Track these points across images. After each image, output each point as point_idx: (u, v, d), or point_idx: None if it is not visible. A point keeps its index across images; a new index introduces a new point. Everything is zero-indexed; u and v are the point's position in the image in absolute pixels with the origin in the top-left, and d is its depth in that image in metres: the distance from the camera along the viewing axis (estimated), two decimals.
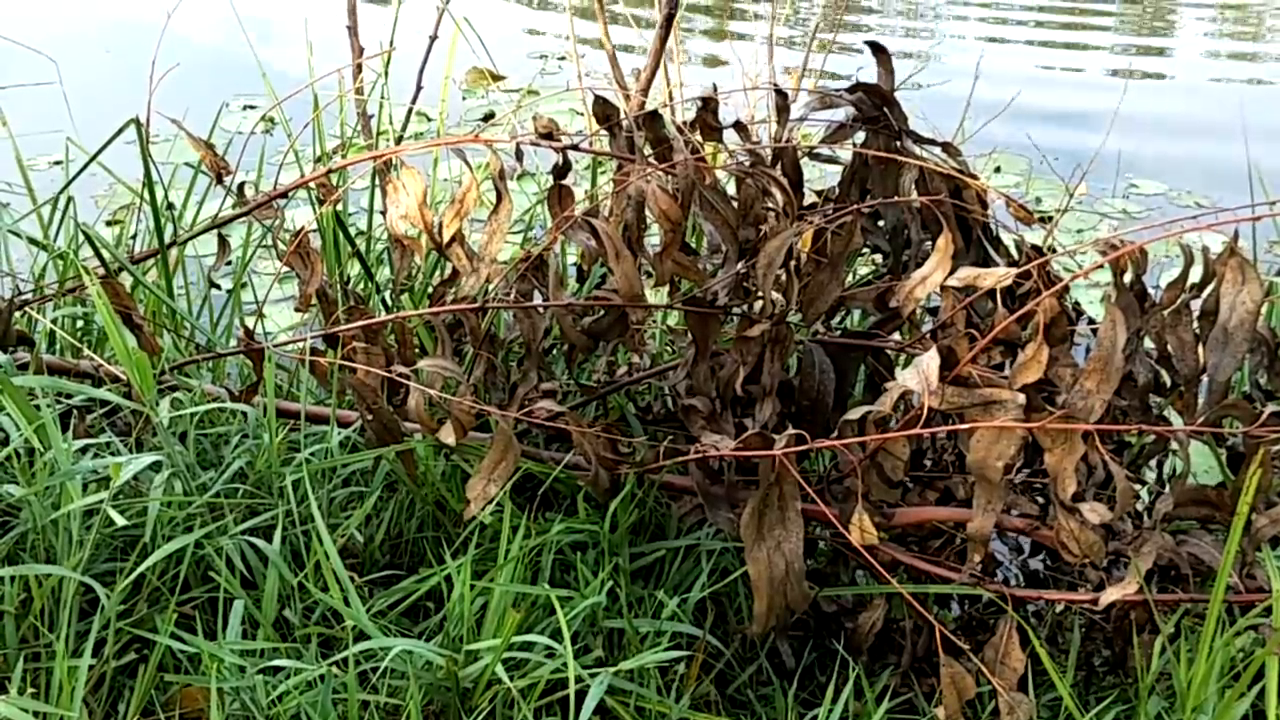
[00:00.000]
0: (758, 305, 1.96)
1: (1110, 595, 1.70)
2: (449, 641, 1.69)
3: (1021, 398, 1.60)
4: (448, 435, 1.88)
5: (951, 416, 1.71)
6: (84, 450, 1.89)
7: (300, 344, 2.11)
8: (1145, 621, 1.73)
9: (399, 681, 1.66)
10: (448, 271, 2.06)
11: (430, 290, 2.31)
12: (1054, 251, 2.22)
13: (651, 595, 1.83)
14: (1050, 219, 3.68)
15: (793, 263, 1.89)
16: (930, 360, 1.63)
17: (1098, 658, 1.90)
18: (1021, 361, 1.63)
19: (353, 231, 2.77)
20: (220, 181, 2.25)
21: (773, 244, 1.84)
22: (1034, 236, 2.63)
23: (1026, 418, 1.61)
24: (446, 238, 1.98)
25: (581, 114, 4.63)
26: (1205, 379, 1.82)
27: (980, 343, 1.67)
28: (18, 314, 2.24)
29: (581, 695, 1.58)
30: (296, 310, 2.22)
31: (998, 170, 4.60)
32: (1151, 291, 1.87)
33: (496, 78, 4.86)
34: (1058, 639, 1.93)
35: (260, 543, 1.79)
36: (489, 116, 4.94)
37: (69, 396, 2.01)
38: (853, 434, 1.68)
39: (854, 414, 1.67)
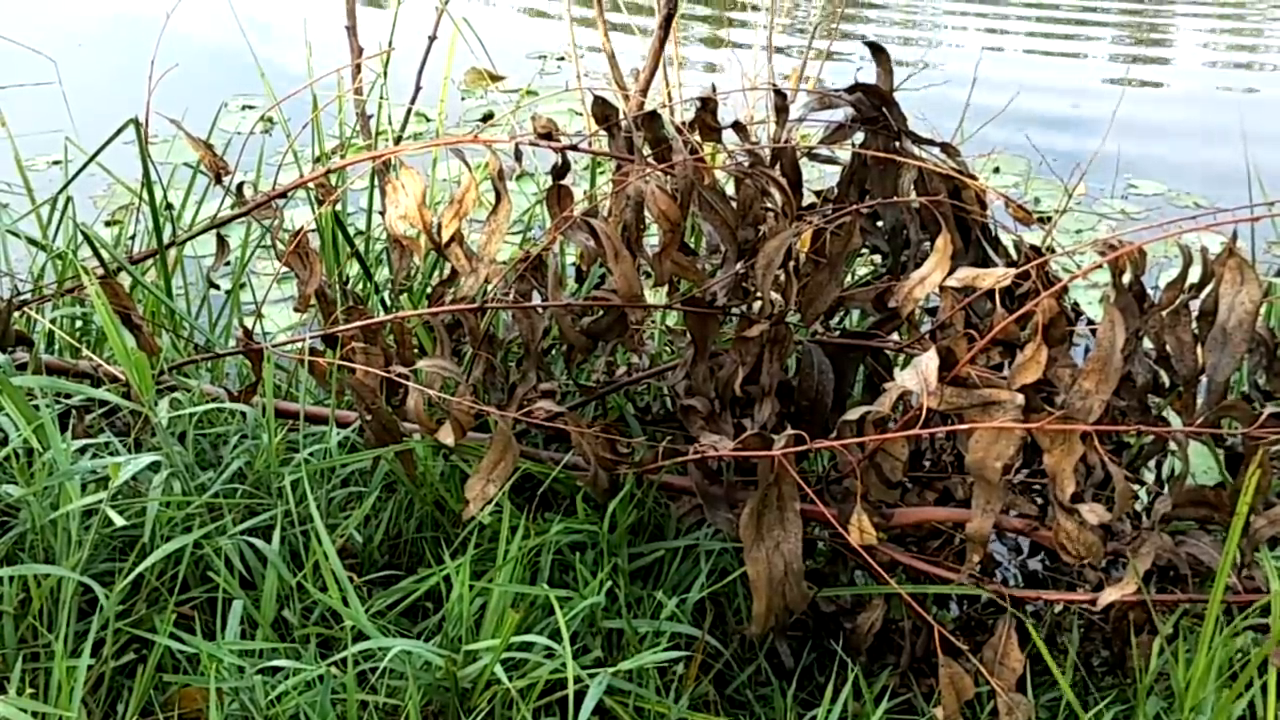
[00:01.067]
0: (756, 305, 1.96)
1: (1109, 596, 1.70)
2: (448, 642, 1.69)
3: (1020, 398, 1.60)
4: (446, 435, 1.88)
5: (950, 417, 1.71)
6: (83, 450, 1.89)
7: (299, 344, 2.11)
8: (1144, 622, 1.73)
9: (398, 682, 1.66)
10: (447, 272, 2.06)
11: (429, 290, 2.31)
12: (1053, 252, 2.22)
13: (650, 595, 1.83)
14: (1049, 219, 3.68)
15: (791, 263, 1.89)
16: (929, 360, 1.63)
17: (1096, 658, 1.90)
18: (1020, 362, 1.63)
19: (352, 231, 2.76)
20: (219, 182, 2.25)
21: (772, 244, 1.84)
22: (1033, 237, 2.64)
23: (1025, 418, 1.60)
24: (445, 238, 1.98)
25: (581, 114, 4.63)
26: (1204, 379, 1.82)
27: (979, 343, 1.67)
28: (16, 314, 2.24)
29: (580, 695, 1.58)
30: (295, 310, 2.21)
31: (996, 171, 4.60)
32: (1150, 292, 1.87)
33: (495, 78, 4.86)
34: (1056, 639, 1.93)
35: (259, 543, 1.79)
36: (488, 117, 4.94)
37: (68, 396, 2.01)
38: (851, 434, 1.68)
39: (853, 414, 1.67)
